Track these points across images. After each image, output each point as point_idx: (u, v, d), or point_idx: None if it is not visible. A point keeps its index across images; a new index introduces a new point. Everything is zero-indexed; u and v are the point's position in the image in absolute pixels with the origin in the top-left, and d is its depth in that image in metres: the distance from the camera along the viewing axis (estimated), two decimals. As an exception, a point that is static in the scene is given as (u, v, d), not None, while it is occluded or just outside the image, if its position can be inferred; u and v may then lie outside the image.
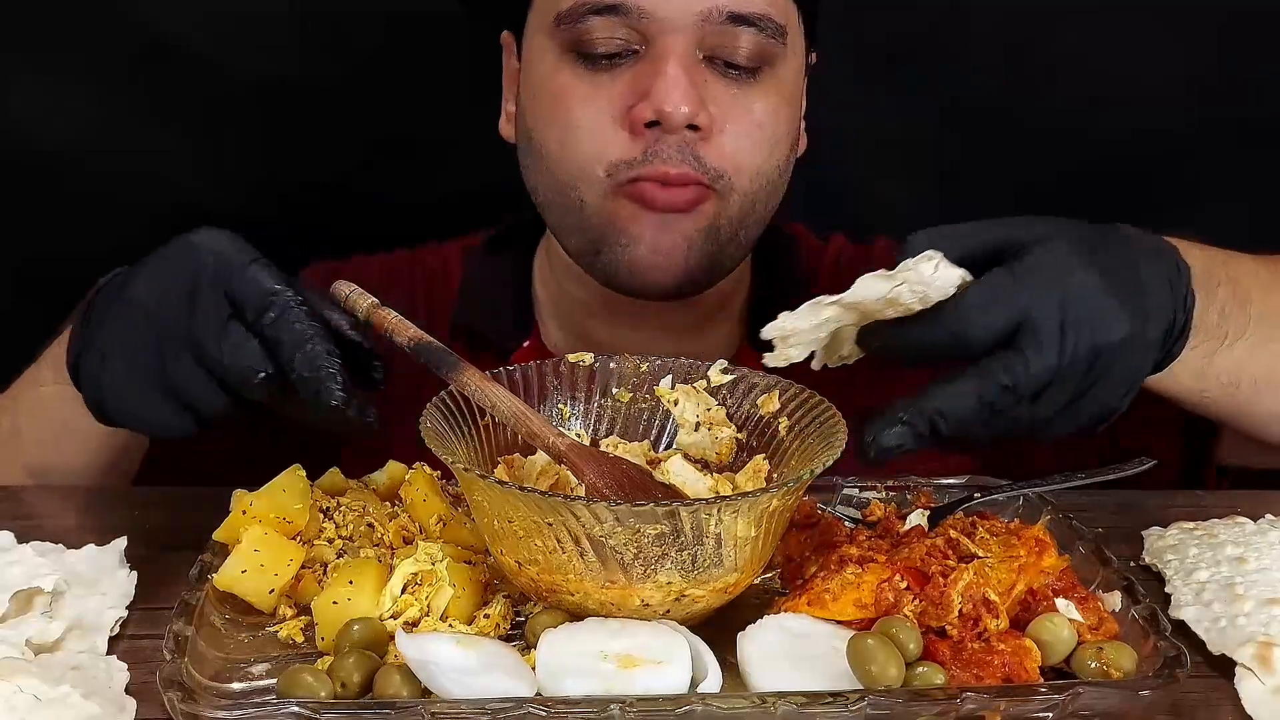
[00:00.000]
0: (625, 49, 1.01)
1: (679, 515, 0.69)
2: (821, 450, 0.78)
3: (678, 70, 0.98)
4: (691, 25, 0.99)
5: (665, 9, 0.99)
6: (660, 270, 1.02)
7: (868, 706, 0.66)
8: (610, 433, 0.88)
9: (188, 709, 0.65)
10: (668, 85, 0.98)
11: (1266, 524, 0.91)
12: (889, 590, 0.73)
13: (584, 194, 1.02)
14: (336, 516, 0.85)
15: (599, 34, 1.00)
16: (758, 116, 1.03)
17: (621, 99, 1.01)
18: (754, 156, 1.03)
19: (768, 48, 1.02)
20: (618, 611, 0.72)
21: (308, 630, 0.76)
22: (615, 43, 1.00)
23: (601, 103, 1.01)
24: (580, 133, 1.02)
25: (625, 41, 1.00)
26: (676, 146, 0.99)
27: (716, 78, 1.01)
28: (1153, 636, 0.72)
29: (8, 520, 0.86)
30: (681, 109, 0.98)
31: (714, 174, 1.01)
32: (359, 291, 0.86)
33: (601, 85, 1.01)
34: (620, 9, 0.99)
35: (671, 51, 0.99)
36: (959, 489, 0.91)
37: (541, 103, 1.05)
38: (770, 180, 1.05)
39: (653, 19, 0.99)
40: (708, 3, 0.99)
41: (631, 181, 1.00)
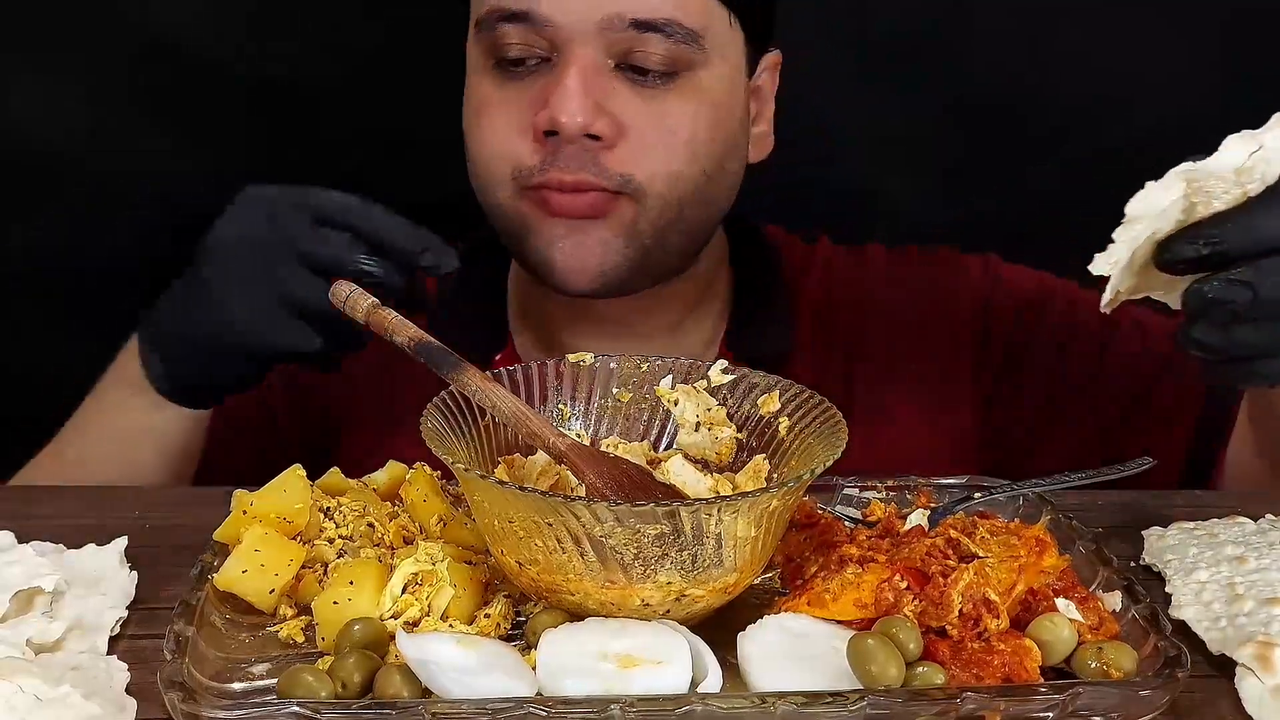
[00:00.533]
0: (535, 56, 1.02)
1: (679, 515, 0.69)
2: (821, 450, 0.78)
3: (575, 81, 0.99)
4: (594, 33, 1.00)
5: (567, 17, 1.00)
6: (576, 273, 1.04)
7: (868, 706, 0.66)
8: (610, 433, 0.88)
9: (188, 709, 0.65)
10: (563, 96, 0.99)
11: (1266, 524, 0.91)
12: (889, 590, 0.73)
13: (498, 196, 1.05)
14: (337, 516, 0.85)
15: (509, 41, 1.02)
16: (671, 123, 1.03)
17: (529, 107, 1.02)
18: (668, 163, 1.03)
19: (681, 54, 1.02)
20: (618, 611, 0.72)
21: (308, 630, 0.76)
22: (524, 50, 1.02)
23: (511, 110, 1.03)
24: (491, 138, 1.05)
25: (534, 49, 1.02)
26: (575, 155, 1.00)
27: (627, 85, 1.02)
28: (1153, 636, 0.72)
29: (8, 520, 0.86)
30: (576, 119, 0.99)
31: (619, 180, 1.01)
32: (359, 292, 0.86)
33: (512, 92, 1.04)
34: (526, 17, 1.01)
35: (574, 59, 1.00)
36: (959, 489, 0.91)
37: (467, 110, 1.08)
38: (695, 186, 1.05)
39: (557, 27, 1.00)
40: (609, 9, 0.99)
41: (534, 187, 1.03)
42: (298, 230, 0.92)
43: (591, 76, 1.00)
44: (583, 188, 1.01)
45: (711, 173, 1.06)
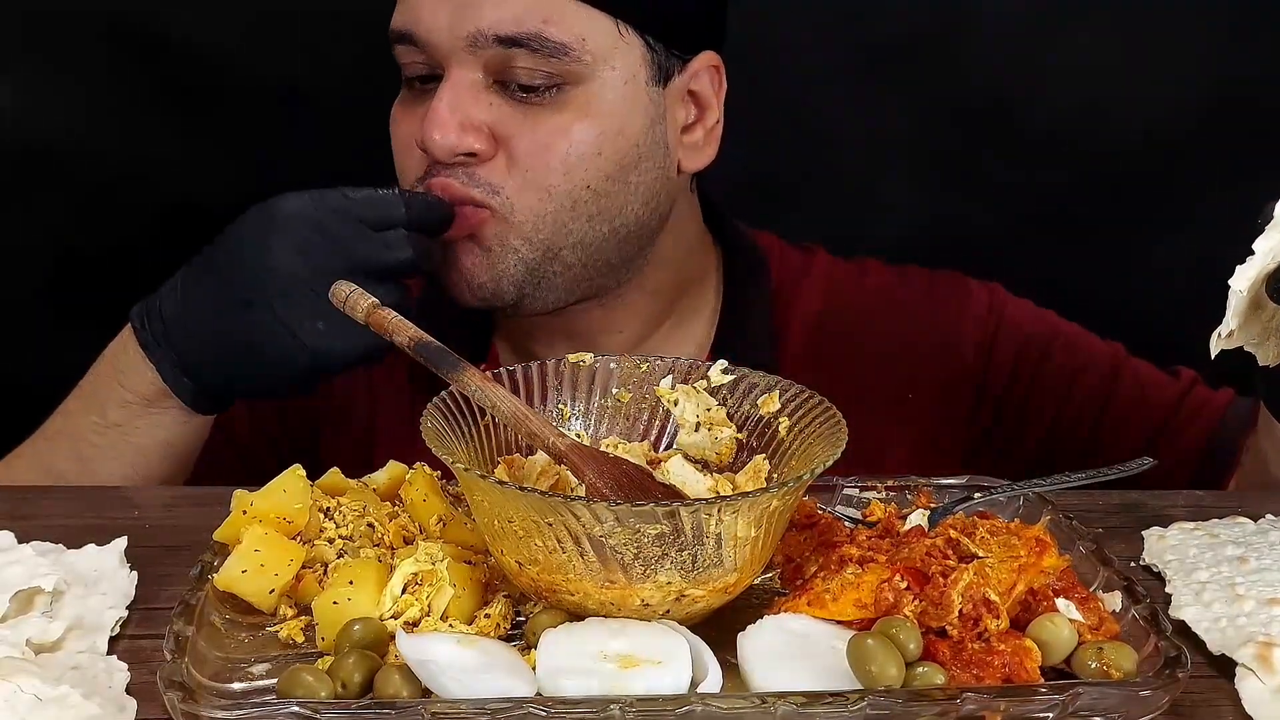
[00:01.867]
0: (429, 74, 1.04)
1: (679, 515, 0.69)
2: (821, 450, 0.78)
3: (444, 100, 1.01)
4: (464, 50, 1.01)
5: (435, 36, 1.02)
6: (460, 287, 1.06)
7: (868, 706, 0.66)
8: (610, 433, 0.88)
9: (188, 709, 0.65)
10: (431, 117, 1.01)
11: (1267, 524, 0.91)
12: (889, 590, 0.73)
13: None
14: (337, 516, 0.85)
15: (405, 59, 1.05)
16: (544, 137, 1.02)
17: (418, 123, 1.04)
18: (544, 177, 1.03)
19: (556, 67, 1.01)
20: (618, 611, 0.72)
21: (308, 630, 0.76)
22: (418, 68, 1.05)
23: (408, 125, 1.06)
24: (396, 152, 1.08)
25: (427, 67, 1.04)
26: (448, 168, 1.03)
27: (506, 100, 1.03)
28: (1153, 636, 0.72)
29: (8, 520, 0.86)
30: (439, 140, 1.01)
31: (487, 189, 1.03)
32: (359, 292, 0.86)
33: (410, 108, 1.07)
34: (407, 37, 1.04)
35: (449, 80, 1.02)
36: (959, 489, 0.91)
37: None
38: (576, 200, 1.04)
39: (433, 47, 1.02)
40: (471, 27, 1.00)
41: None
42: (354, 244, 0.97)
43: (465, 94, 1.01)
44: (459, 200, 1.02)
45: (598, 188, 1.04)
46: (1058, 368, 1.15)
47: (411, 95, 1.07)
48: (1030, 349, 1.17)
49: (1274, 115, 1.41)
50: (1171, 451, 1.10)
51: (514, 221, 1.04)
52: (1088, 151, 1.43)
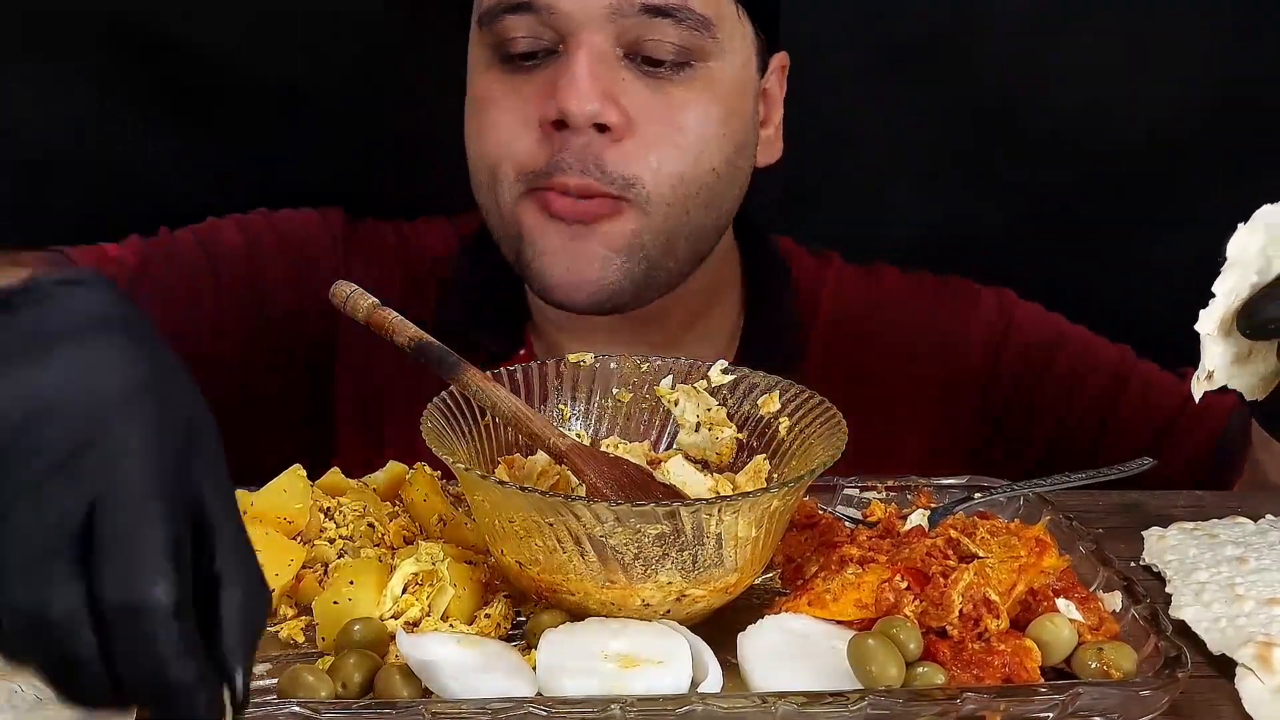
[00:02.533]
0: (542, 49, 0.99)
1: (680, 515, 0.69)
2: (822, 450, 0.78)
3: (584, 67, 0.96)
4: (604, 20, 0.96)
5: (574, 4, 0.96)
6: (574, 287, 1.00)
7: (868, 706, 0.66)
8: (611, 433, 0.88)
9: (188, 709, 0.65)
10: (571, 83, 0.95)
11: (1267, 524, 0.91)
12: (889, 590, 0.73)
13: (499, 196, 1.01)
14: (337, 516, 0.85)
15: (514, 34, 0.98)
16: (680, 117, 0.99)
17: (535, 101, 0.99)
18: (676, 161, 0.99)
19: (693, 41, 0.98)
20: (618, 611, 0.72)
21: (308, 630, 0.76)
22: (531, 42, 0.98)
23: (516, 105, 1.00)
24: (496, 136, 1.01)
25: (541, 40, 0.98)
26: (578, 154, 0.97)
27: (637, 76, 0.98)
28: (1153, 636, 0.72)
29: (8, 520, 0.86)
30: (584, 107, 0.95)
31: (622, 183, 0.98)
32: (359, 292, 0.85)
33: (518, 87, 1.00)
34: (531, 7, 0.97)
35: (583, 47, 0.96)
36: (959, 489, 0.91)
37: (470, 105, 1.04)
38: (701, 186, 1.01)
39: (563, 15, 0.96)
40: None
41: (538, 189, 0.99)
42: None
43: (600, 64, 0.97)
44: (587, 193, 0.98)
45: (721, 171, 1.02)
46: (1064, 370, 1.16)
47: (515, 73, 1.00)
48: (1037, 351, 1.17)
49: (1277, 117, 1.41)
50: (1178, 454, 1.10)
51: (649, 213, 0.99)
52: (1093, 151, 1.43)
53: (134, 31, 1.36)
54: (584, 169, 0.97)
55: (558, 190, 0.98)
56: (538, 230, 1.00)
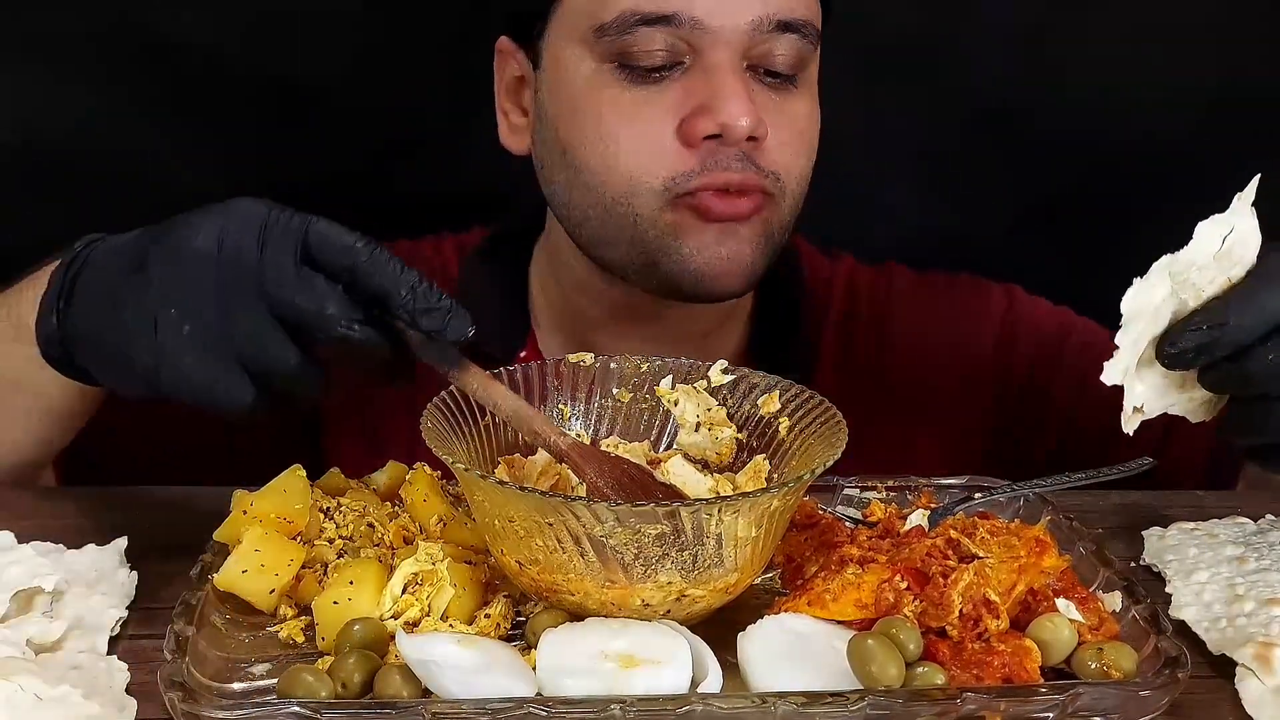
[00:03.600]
0: (672, 60, 0.99)
1: (680, 515, 0.69)
2: (822, 450, 0.78)
3: (737, 83, 0.98)
4: (742, 35, 0.98)
5: (719, 19, 0.97)
6: (727, 276, 1.02)
7: (868, 706, 0.66)
8: (611, 433, 0.88)
9: (188, 709, 0.65)
10: (730, 98, 0.97)
11: (1266, 524, 0.91)
12: (889, 590, 0.73)
13: (637, 208, 1.01)
14: (337, 516, 0.85)
15: (647, 46, 0.98)
16: (799, 122, 1.03)
17: (674, 112, 0.99)
18: (798, 160, 1.03)
19: (806, 52, 1.02)
20: (618, 611, 0.72)
21: (308, 630, 0.76)
22: (662, 55, 0.98)
23: (653, 116, 0.99)
24: (630, 147, 1.00)
25: (673, 53, 0.99)
26: (735, 155, 0.99)
27: (759, 85, 1.01)
28: (1153, 637, 0.72)
29: (8, 520, 0.86)
30: (743, 122, 0.97)
31: (771, 176, 1.01)
32: None
33: (650, 98, 1.00)
34: (673, 20, 0.97)
35: (725, 63, 0.98)
36: (959, 489, 0.91)
37: (580, 119, 1.02)
38: (807, 182, 1.05)
39: (705, 30, 0.97)
40: (758, 12, 0.98)
41: (690, 193, 1.00)
42: (279, 270, 0.74)
43: (741, 77, 0.99)
44: (745, 188, 1.00)
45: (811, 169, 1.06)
46: (1074, 364, 1.16)
47: (641, 85, 1.00)
48: (1046, 346, 1.17)
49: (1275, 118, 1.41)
50: (1184, 448, 1.10)
51: (781, 207, 1.03)
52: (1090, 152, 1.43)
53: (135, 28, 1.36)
54: (743, 165, 0.99)
55: (717, 188, 1.00)
56: (689, 232, 1.01)
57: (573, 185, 1.04)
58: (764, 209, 1.01)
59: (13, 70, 1.36)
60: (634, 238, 1.02)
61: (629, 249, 1.03)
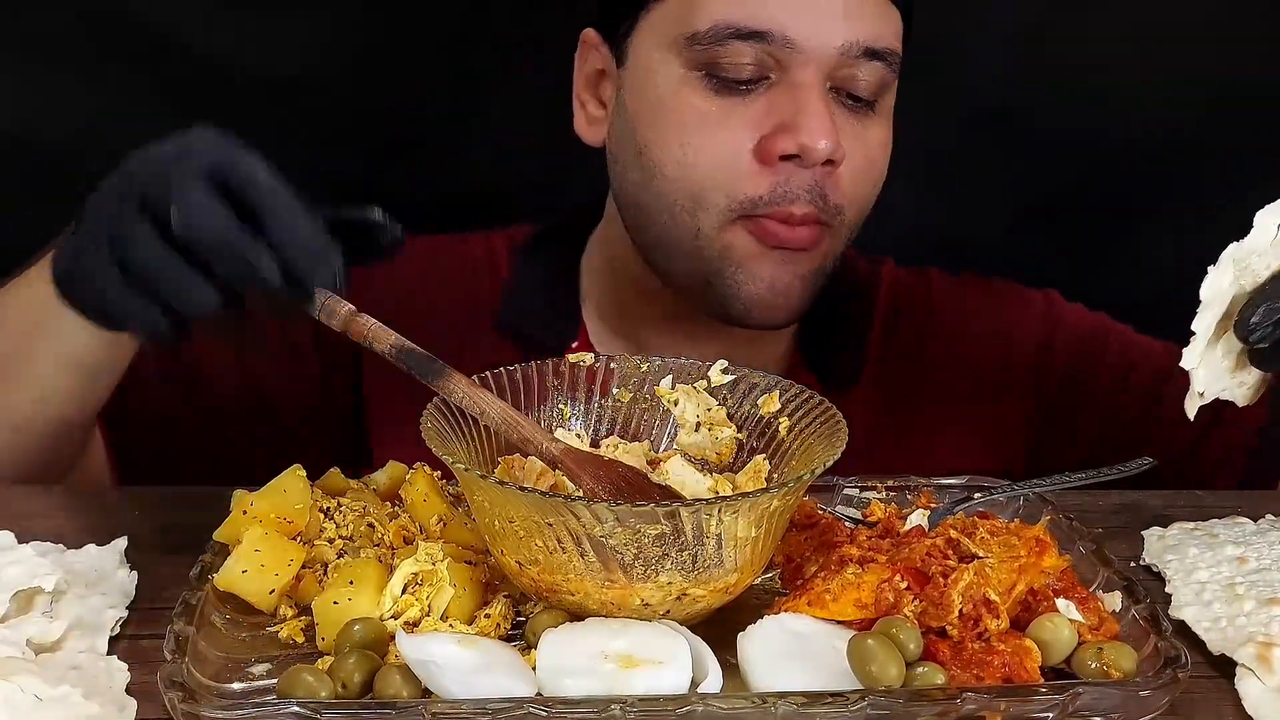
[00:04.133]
0: (760, 75, 1.00)
1: (679, 515, 0.69)
2: (821, 450, 0.78)
3: (821, 104, 0.98)
4: (830, 57, 0.99)
5: (810, 40, 0.98)
6: (775, 308, 1.03)
7: (868, 706, 0.66)
8: (610, 433, 0.88)
9: (188, 709, 0.65)
10: (814, 120, 0.97)
11: (1267, 524, 0.91)
12: (889, 590, 0.73)
13: (701, 221, 1.01)
14: (337, 516, 0.85)
15: (738, 59, 0.99)
16: (872, 149, 1.04)
17: (756, 128, 1.00)
18: (865, 189, 1.04)
19: (888, 79, 1.02)
20: (618, 611, 0.72)
21: (308, 630, 0.76)
22: (750, 69, 0.99)
23: (734, 129, 1.00)
24: (707, 158, 1.00)
25: (761, 68, 0.99)
26: (806, 185, 0.99)
27: (840, 108, 1.01)
28: (1153, 636, 0.72)
29: (8, 520, 0.86)
30: (823, 144, 0.97)
31: (833, 211, 1.01)
32: (334, 298, 0.81)
33: (732, 110, 1.00)
34: (766, 36, 0.98)
35: (811, 83, 0.98)
36: (959, 489, 0.91)
37: (661, 122, 1.02)
38: (867, 213, 1.06)
39: (795, 48, 0.98)
40: (849, 37, 0.98)
41: (755, 216, 1.00)
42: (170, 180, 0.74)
43: (825, 99, 0.99)
44: (809, 221, 1.00)
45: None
46: (1110, 366, 1.17)
47: (726, 96, 1.00)
48: (1084, 349, 1.18)
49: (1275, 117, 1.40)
50: (1223, 447, 1.10)
51: (838, 237, 1.04)
52: (1086, 154, 1.43)
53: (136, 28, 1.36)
54: (810, 199, 1.00)
55: (779, 219, 1.00)
56: (747, 257, 1.01)
57: (644, 187, 1.04)
58: (822, 242, 1.02)
59: (12, 70, 1.36)
60: (693, 250, 1.03)
61: (686, 261, 1.04)
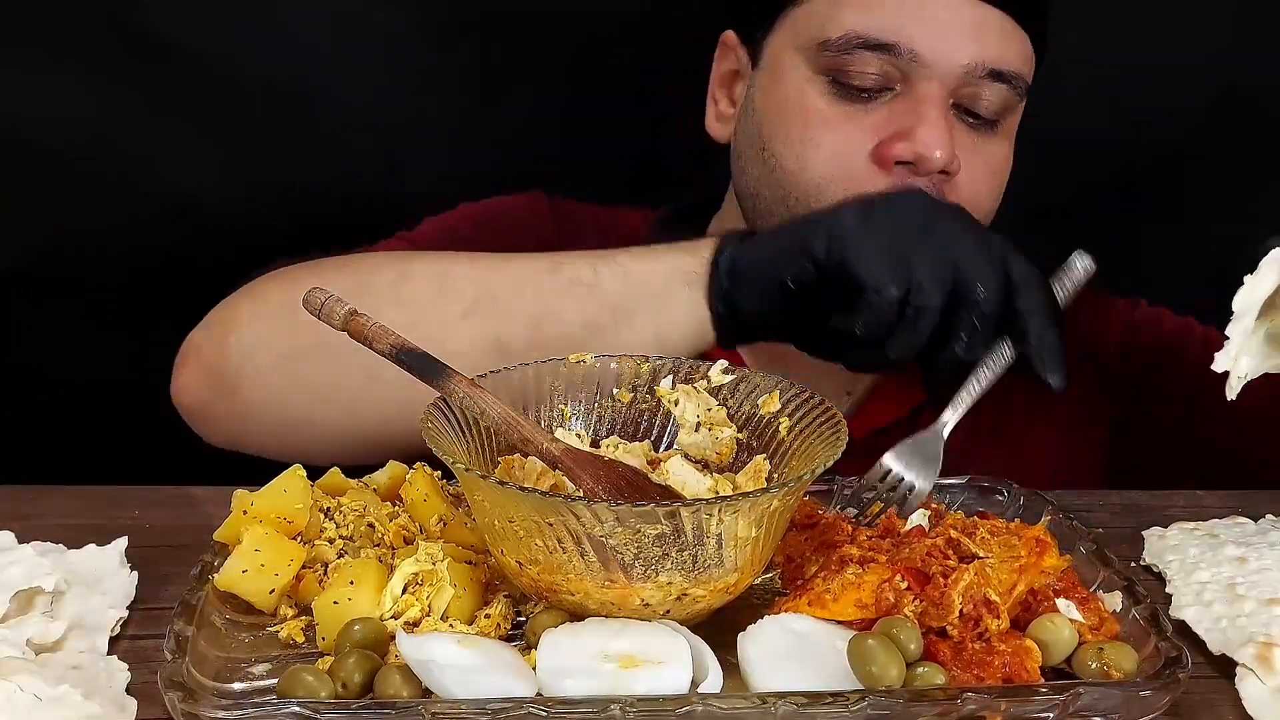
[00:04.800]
0: (884, 85, 1.03)
1: (680, 515, 0.69)
2: (822, 450, 0.78)
3: (939, 117, 1.01)
4: (954, 74, 1.02)
5: (935, 56, 1.01)
6: None
7: (868, 707, 0.66)
8: (611, 433, 0.88)
9: (188, 709, 0.65)
10: (931, 130, 1.01)
11: (1267, 524, 0.91)
12: (889, 590, 0.73)
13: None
14: (337, 516, 0.85)
15: (864, 68, 1.03)
16: (994, 165, 1.06)
17: (875, 133, 1.03)
18: (986, 202, 1.06)
19: (1011, 101, 1.05)
20: (618, 611, 0.72)
21: (308, 630, 0.76)
22: (875, 79, 1.03)
23: (853, 133, 1.03)
24: (825, 156, 1.04)
25: (885, 79, 1.03)
26: (925, 184, 1.01)
27: (961, 124, 1.04)
28: (1153, 637, 0.72)
29: (8, 520, 0.86)
30: (938, 154, 1.00)
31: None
32: (334, 298, 0.82)
33: (854, 116, 1.04)
34: (893, 49, 1.02)
35: (933, 96, 1.02)
36: (959, 489, 0.91)
37: (786, 119, 1.06)
38: (987, 224, 1.07)
39: (920, 63, 1.02)
40: (975, 57, 1.02)
41: None
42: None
43: (947, 114, 1.02)
44: None
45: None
46: (1195, 359, 1.16)
47: (850, 102, 1.04)
48: (1168, 345, 1.18)
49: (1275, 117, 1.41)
50: None
51: None
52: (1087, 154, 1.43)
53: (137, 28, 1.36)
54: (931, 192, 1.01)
55: None
56: None
57: (764, 181, 1.08)
58: None
59: (12, 69, 1.36)
60: None
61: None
